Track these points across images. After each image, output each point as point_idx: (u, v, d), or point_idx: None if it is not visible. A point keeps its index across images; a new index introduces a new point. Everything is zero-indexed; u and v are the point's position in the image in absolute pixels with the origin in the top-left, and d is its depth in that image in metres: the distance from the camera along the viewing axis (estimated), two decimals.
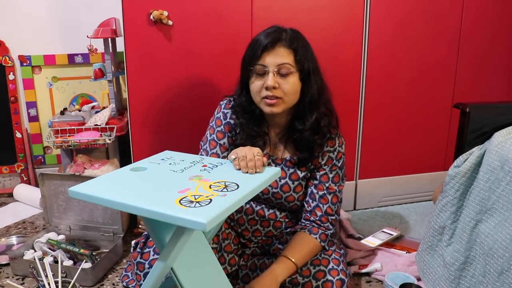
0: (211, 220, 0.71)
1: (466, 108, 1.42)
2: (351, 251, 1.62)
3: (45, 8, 2.19)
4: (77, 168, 1.84)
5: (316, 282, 1.22)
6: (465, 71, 2.06)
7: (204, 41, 1.70)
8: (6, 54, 2.19)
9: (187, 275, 0.90)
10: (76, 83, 2.30)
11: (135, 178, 0.92)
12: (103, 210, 1.67)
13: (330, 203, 1.31)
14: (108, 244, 1.67)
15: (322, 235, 1.29)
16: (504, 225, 1.09)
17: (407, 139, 2.07)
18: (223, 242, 1.31)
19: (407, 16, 1.91)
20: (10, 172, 2.31)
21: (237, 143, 1.30)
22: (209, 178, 0.92)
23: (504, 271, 1.07)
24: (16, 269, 1.51)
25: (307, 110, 1.25)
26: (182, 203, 0.77)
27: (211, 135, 1.35)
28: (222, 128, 1.34)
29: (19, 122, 2.27)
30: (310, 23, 1.77)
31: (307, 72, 1.22)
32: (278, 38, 1.20)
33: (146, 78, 1.70)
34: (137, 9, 1.61)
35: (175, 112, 1.76)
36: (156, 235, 0.89)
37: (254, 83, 1.23)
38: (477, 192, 1.21)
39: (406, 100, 2.02)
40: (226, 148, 1.34)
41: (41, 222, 1.95)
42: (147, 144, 1.76)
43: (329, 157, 1.32)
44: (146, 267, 1.23)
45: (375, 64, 1.92)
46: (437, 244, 1.36)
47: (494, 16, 2.03)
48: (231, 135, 1.34)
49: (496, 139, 1.19)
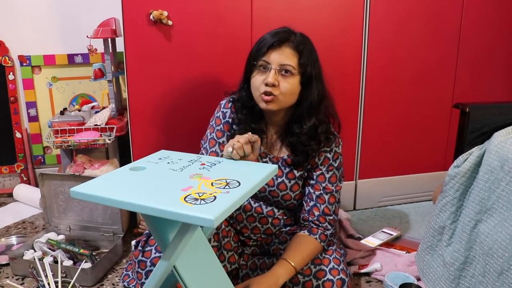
0: (219, 216, 0.72)
1: (466, 108, 1.43)
2: (350, 251, 1.62)
3: (44, 8, 2.19)
4: (77, 168, 1.84)
5: (316, 281, 1.22)
6: (464, 71, 2.06)
7: (204, 41, 1.70)
8: (6, 54, 2.19)
9: (189, 273, 0.91)
10: (76, 83, 2.30)
11: (136, 177, 0.92)
12: (103, 210, 1.67)
13: (327, 203, 1.32)
14: (108, 244, 1.67)
15: (322, 235, 1.29)
16: (504, 225, 1.09)
17: (406, 139, 2.08)
18: (223, 240, 1.31)
19: (406, 16, 1.91)
20: (10, 172, 2.31)
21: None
22: (210, 176, 0.92)
23: (504, 271, 1.07)
24: (16, 269, 1.51)
25: (305, 114, 1.27)
26: (187, 200, 0.77)
27: (211, 134, 1.36)
28: (221, 127, 1.35)
29: (19, 122, 2.27)
30: (310, 23, 1.77)
31: (308, 76, 1.23)
32: (286, 38, 1.22)
33: (146, 78, 1.70)
34: (137, 9, 1.61)
35: (175, 112, 1.76)
36: (159, 234, 0.89)
37: (255, 78, 1.25)
38: (477, 192, 1.21)
39: (405, 100, 2.02)
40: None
41: (41, 222, 1.95)
42: (147, 144, 1.76)
43: (326, 157, 1.32)
44: (147, 265, 1.24)
45: (375, 64, 1.92)
46: (437, 244, 1.36)
47: (493, 16, 2.03)
48: (230, 134, 1.35)
49: (495, 139, 1.19)
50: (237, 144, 1.05)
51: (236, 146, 1.05)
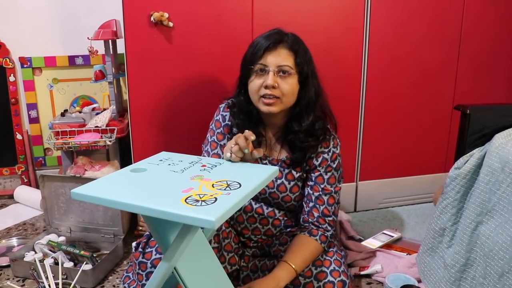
0: (220, 218, 0.72)
1: (467, 109, 1.43)
2: (351, 253, 1.62)
3: (45, 10, 2.19)
4: (77, 169, 1.84)
5: (317, 283, 1.22)
6: (465, 73, 2.06)
7: (204, 42, 1.70)
8: (7, 56, 2.19)
9: (190, 275, 0.90)
10: (76, 84, 2.30)
11: (136, 179, 0.92)
12: (104, 211, 1.67)
13: (326, 204, 1.32)
14: (109, 246, 1.67)
15: (322, 236, 1.29)
16: (505, 227, 1.09)
17: (407, 141, 2.07)
18: (223, 241, 1.31)
19: (407, 18, 1.91)
20: (10, 174, 2.31)
21: None
22: (211, 177, 0.92)
23: (505, 273, 1.07)
24: (16, 270, 1.51)
25: (304, 112, 1.28)
26: (188, 202, 0.77)
27: (211, 137, 1.37)
28: (221, 130, 1.36)
29: (20, 124, 2.27)
30: (311, 25, 1.77)
31: (305, 75, 1.25)
32: (280, 39, 1.23)
33: (147, 79, 1.70)
34: (137, 10, 1.61)
35: (175, 113, 1.76)
36: (160, 235, 0.89)
37: (253, 82, 1.25)
38: (477, 194, 1.21)
39: (406, 102, 2.02)
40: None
41: (41, 223, 1.96)
42: (148, 145, 1.76)
43: (324, 158, 1.32)
44: (148, 267, 1.23)
45: (376, 66, 1.92)
46: (437, 246, 1.36)
47: (494, 17, 2.03)
48: (230, 136, 1.35)
49: (496, 141, 1.19)
50: (234, 148, 1.05)
51: (234, 149, 1.05)
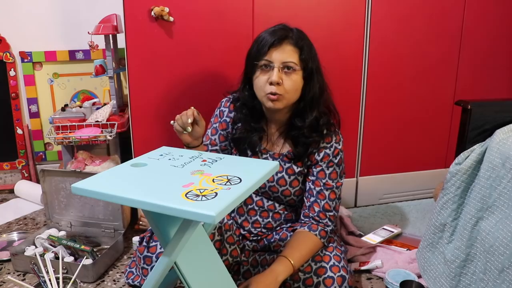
0: (220, 213, 0.72)
1: (468, 105, 1.42)
2: (351, 248, 1.62)
3: (46, 4, 2.18)
4: (78, 164, 1.84)
5: (317, 278, 1.23)
6: (466, 68, 2.05)
7: (205, 37, 1.70)
8: (7, 51, 2.18)
9: (190, 269, 0.91)
10: (77, 79, 2.30)
11: (137, 173, 0.92)
12: (104, 206, 1.68)
13: (327, 199, 1.32)
14: (109, 241, 1.67)
15: (322, 231, 1.29)
16: (505, 222, 1.09)
17: (408, 137, 2.07)
18: (226, 234, 1.32)
19: (408, 13, 1.90)
20: (11, 169, 2.31)
21: (235, 136, 1.37)
22: (211, 172, 0.92)
23: (505, 269, 1.07)
24: (17, 265, 1.52)
25: (308, 108, 1.29)
26: (188, 196, 0.77)
27: (208, 130, 1.40)
28: (217, 125, 1.40)
29: (20, 119, 2.27)
30: (312, 20, 1.77)
31: (310, 71, 1.25)
32: (285, 35, 1.23)
33: (147, 74, 1.70)
34: (138, 5, 1.61)
35: (176, 108, 1.74)
36: (160, 230, 0.89)
37: (259, 78, 1.25)
38: (478, 189, 1.21)
39: (407, 98, 2.02)
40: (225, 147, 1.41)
41: (42, 218, 1.96)
42: (148, 140, 1.76)
43: (326, 153, 1.32)
44: (153, 261, 1.24)
45: (377, 62, 1.91)
46: (437, 242, 1.36)
47: (495, 13, 2.02)
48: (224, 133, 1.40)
49: (497, 137, 1.19)
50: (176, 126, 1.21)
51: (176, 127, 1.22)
